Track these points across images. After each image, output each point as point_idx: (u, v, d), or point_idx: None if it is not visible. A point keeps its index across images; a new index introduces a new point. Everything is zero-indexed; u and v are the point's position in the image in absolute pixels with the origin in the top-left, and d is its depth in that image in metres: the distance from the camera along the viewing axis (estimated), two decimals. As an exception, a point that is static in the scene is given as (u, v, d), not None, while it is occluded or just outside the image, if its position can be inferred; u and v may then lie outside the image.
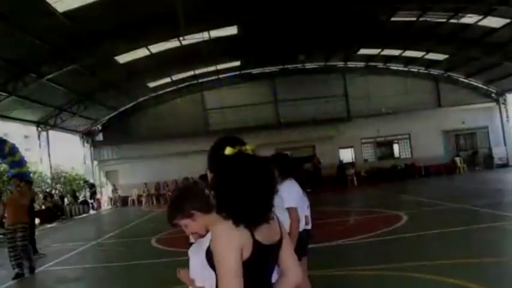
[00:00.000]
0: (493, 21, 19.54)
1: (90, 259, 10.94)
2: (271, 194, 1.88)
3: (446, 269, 6.40)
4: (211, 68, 26.34)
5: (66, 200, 25.08)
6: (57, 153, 27.42)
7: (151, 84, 26.54)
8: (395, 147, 30.82)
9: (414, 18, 20.02)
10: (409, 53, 26.13)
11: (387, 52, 26.26)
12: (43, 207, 21.93)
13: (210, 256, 1.82)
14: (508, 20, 19.00)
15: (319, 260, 7.25)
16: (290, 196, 4.15)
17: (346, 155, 30.09)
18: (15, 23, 14.17)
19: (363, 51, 26.03)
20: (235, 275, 1.71)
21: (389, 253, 8.04)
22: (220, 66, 26.55)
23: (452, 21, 19.87)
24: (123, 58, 20.22)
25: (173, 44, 19.70)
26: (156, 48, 19.93)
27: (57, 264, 10.12)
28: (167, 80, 26.79)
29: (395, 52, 26.24)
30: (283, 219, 2.17)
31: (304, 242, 4.49)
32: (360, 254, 8.45)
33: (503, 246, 8.08)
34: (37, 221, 17.01)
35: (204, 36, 19.08)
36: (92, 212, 26.06)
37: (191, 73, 26.81)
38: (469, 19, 19.52)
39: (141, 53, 20.12)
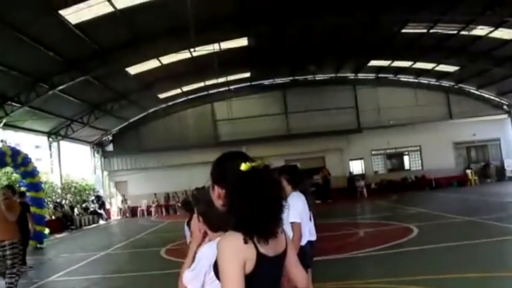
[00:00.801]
0: (505, 33, 19.47)
1: (99, 270, 10.92)
2: (283, 209, 1.87)
3: (456, 283, 6.32)
4: (222, 79, 26.43)
5: (76, 210, 25.19)
6: (67, 164, 27.63)
7: (162, 95, 26.69)
8: (406, 159, 30.66)
9: (425, 30, 19.98)
10: (419, 65, 26.10)
11: (398, 64, 26.21)
12: (53, 217, 22.05)
13: (216, 268, 1.82)
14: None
15: (329, 272, 7.21)
16: (295, 209, 4.14)
17: (356, 167, 30.01)
18: (28, 34, 14.36)
19: (373, 62, 26.00)
20: (237, 286, 1.71)
21: (400, 266, 7.96)
22: (230, 78, 26.65)
23: (463, 33, 19.83)
24: (134, 69, 20.41)
25: (184, 55, 19.84)
26: (166, 59, 20.12)
27: (66, 275, 10.12)
28: (177, 91, 26.94)
29: (406, 64, 26.18)
30: (287, 232, 2.17)
31: (308, 254, 4.49)
32: (369, 266, 8.37)
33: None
34: (47, 231, 17.10)
35: (214, 47, 19.18)
36: (101, 222, 26.13)
37: (201, 84, 26.93)
38: (480, 31, 19.48)
39: (152, 64, 20.29)
